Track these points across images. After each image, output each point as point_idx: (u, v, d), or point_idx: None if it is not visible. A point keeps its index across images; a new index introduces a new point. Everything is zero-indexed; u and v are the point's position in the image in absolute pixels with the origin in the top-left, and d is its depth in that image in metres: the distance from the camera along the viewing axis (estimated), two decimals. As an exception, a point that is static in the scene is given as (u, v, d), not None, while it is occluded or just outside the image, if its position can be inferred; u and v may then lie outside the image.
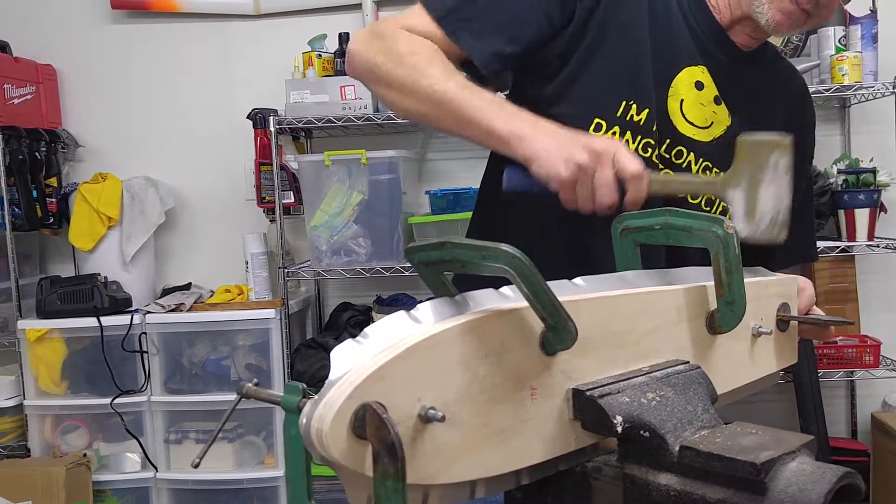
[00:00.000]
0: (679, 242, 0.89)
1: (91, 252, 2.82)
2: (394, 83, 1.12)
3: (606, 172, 0.94)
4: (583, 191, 0.95)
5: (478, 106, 1.04)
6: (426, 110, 1.09)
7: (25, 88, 2.90)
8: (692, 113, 1.18)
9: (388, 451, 0.53)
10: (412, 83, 1.09)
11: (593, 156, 0.94)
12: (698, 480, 0.64)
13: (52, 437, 2.79)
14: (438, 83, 1.07)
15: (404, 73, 1.10)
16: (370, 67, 1.15)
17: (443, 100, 1.06)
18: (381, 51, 1.13)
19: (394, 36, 1.13)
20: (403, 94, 1.11)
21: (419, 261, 0.70)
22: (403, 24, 1.14)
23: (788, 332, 0.98)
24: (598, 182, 0.94)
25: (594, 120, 1.14)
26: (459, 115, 1.05)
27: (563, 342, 0.66)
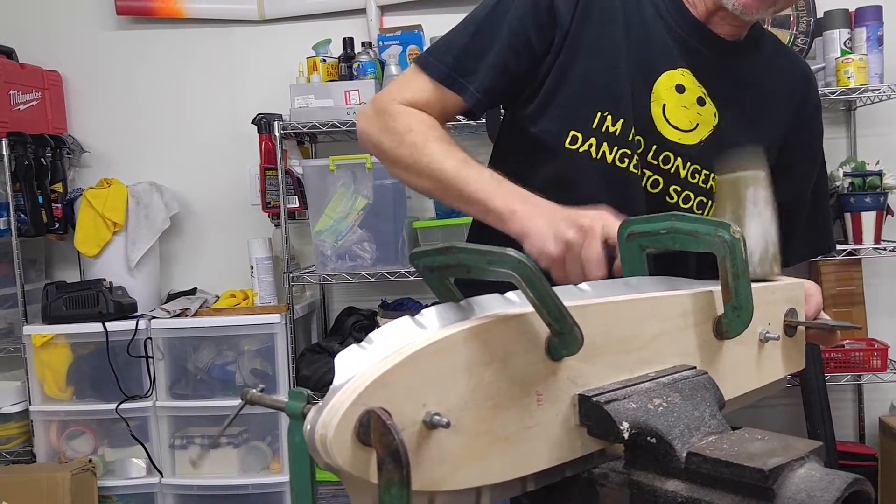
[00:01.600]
0: (685, 247, 0.88)
1: (96, 257, 2.82)
2: (398, 162, 1.18)
3: (594, 246, 0.95)
4: (572, 266, 0.97)
5: (476, 184, 1.09)
6: (430, 186, 1.15)
7: (31, 94, 2.91)
8: (675, 117, 1.18)
9: (393, 458, 0.52)
10: (414, 162, 1.15)
11: (580, 231, 0.96)
12: (706, 487, 0.63)
13: (57, 442, 2.79)
14: (438, 162, 1.12)
15: (406, 153, 1.16)
16: (375, 146, 1.22)
17: (443, 178, 1.12)
18: (383, 130, 1.19)
19: (392, 113, 1.19)
20: (409, 172, 1.17)
21: (424, 266, 0.70)
22: (401, 98, 1.20)
23: (796, 337, 0.97)
24: (586, 257, 0.95)
25: (570, 133, 1.16)
26: (460, 192, 1.10)
27: (569, 348, 0.65)
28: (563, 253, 0.97)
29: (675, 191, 1.20)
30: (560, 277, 0.99)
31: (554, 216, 1.00)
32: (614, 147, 1.16)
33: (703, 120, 1.20)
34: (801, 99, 1.29)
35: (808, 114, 1.30)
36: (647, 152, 1.18)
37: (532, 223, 1.01)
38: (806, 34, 2.73)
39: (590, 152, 1.16)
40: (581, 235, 0.95)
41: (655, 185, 1.19)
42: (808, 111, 1.30)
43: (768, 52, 1.28)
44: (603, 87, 1.16)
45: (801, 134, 1.28)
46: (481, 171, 1.11)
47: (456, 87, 1.19)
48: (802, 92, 1.30)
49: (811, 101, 1.31)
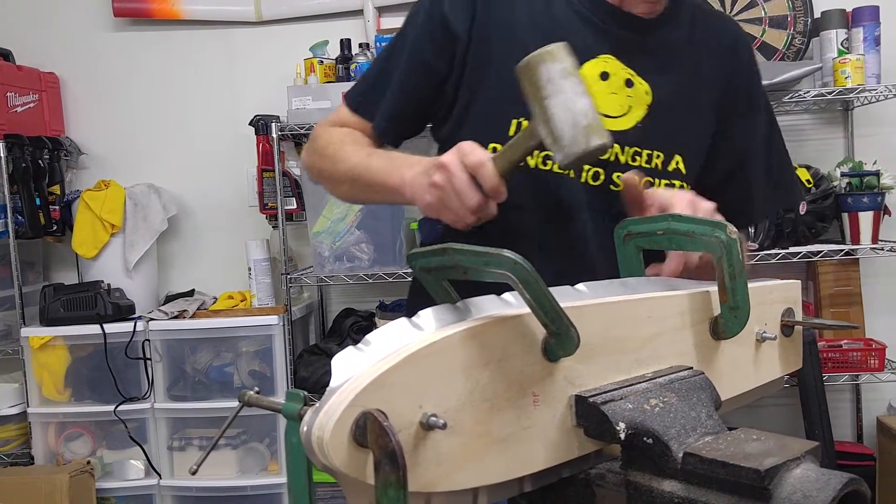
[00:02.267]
0: (682, 247, 0.88)
1: (94, 259, 2.82)
2: (324, 176, 1.25)
3: (458, 177, 0.96)
4: (452, 203, 0.98)
5: (377, 169, 1.13)
6: (349, 190, 1.21)
7: (28, 96, 2.91)
8: (605, 105, 1.15)
9: (390, 459, 0.53)
10: (333, 171, 1.21)
11: (442, 170, 0.98)
12: (702, 487, 0.63)
13: (55, 444, 2.79)
14: (348, 162, 1.17)
15: (328, 165, 1.22)
16: (309, 169, 1.29)
17: (353, 176, 1.16)
18: (313, 152, 1.27)
19: (318, 135, 1.27)
20: (333, 182, 1.23)
21: (421, 267, 0.70)
22: (329, 122, 1.28)
23: (793, 337, 0.97)
24: (457, 189, 0.96)
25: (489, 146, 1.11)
26: (368, 183, 1.14)
27: (566, 349, 0.65)
28: (437, 196, 0.99)
29: (617, 177, 1.16)
30: (452, 221, 1.00)
31: (426, 168, 1.03)
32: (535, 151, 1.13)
33: (636, 101, 1.17)
34: (730, 56, 1.26)
35: (741, 67, 1.26)
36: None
37: (415, 184, 1.04)
38: (803, 34, 2.74)
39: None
40: (444, 173, 0.97)
41: (596, 178, 1.16)
42: (741, 65, 1.27)
43: (690, 18, 1.24)
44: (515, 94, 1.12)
45: (738, 91, 1.25)
46: (379, 156, 1.15)
47: (366, 114, 1.24)
48: (730, 48, 1.26)
49: (742, 55, 1.28)
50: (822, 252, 2.54)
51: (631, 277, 0.92)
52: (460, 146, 0.98)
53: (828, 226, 2.65)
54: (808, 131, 2.87)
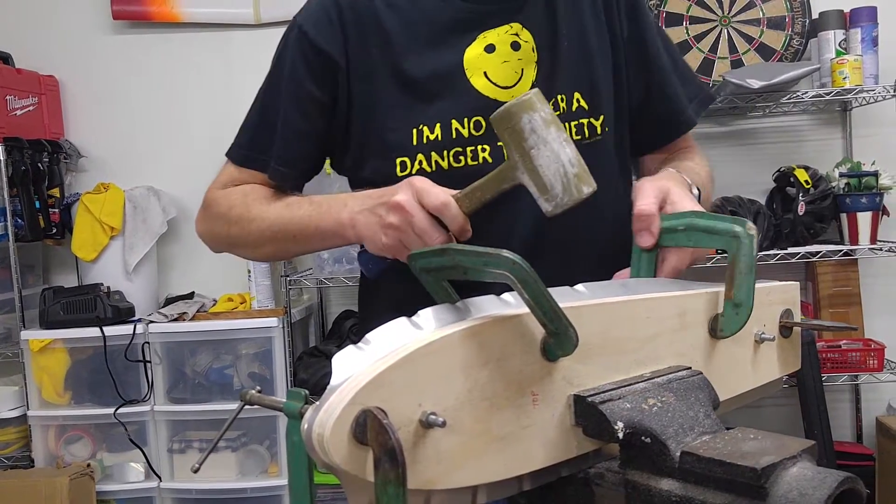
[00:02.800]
0: (698, 243, 0.90)
1: (94, 262, 2.82)
2: (235, 242, 1.19)
3: (418, 218, 0.92)
4: (414, 245, 0.93)
5: (300, 218, 1.09)
6: (272, 249, 1.15)
7: (28, 100, 2.91)
8: (500, 76, 1.13)
9: (389, 457, 0.53)
10: (248, 234, 1.15)
11: (398, 210, 0.94)
12: (699, 486, 0.63)
13: (55, 447, 2.79)
14: (264, 220, 1.12)
15: (238, 231, 1.16)
16: (213, 239, 1.23)
17: (274, 233, 1.12)
18: (212, 218, 1.20)
19: (213, 200, 1.21)
20: (248, 247, 1.18)
21: (421, 268, 0.70)
22: (219, 185, 1.22)
23: (791, 338, 0.97)
24: (418, 231, 0.93)
25: (396, 161, 1.12)
26: (293, 236, 1.10)
27: (565, 348, 0.66)
28: (395, 238, 0.95)
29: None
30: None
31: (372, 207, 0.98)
32: (443, 151, 1.11)
33: (526, 61, 1.14)
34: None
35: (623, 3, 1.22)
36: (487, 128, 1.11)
37: (360, 224, 1.00)
38: (801, 35, 2.74)
39: (424, 168, 1.12)
40: (401, 214, 0.93)
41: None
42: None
43: None
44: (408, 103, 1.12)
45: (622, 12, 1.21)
46: (300, 204, 1.10)
47: (257, 165, 1.19)
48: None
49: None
50: (821, 252, 2.54)
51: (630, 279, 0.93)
52: (412, 183, 0.94)
53: (826, 226, 2.66)
54: (806, 132, 2.88)
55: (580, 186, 0.88)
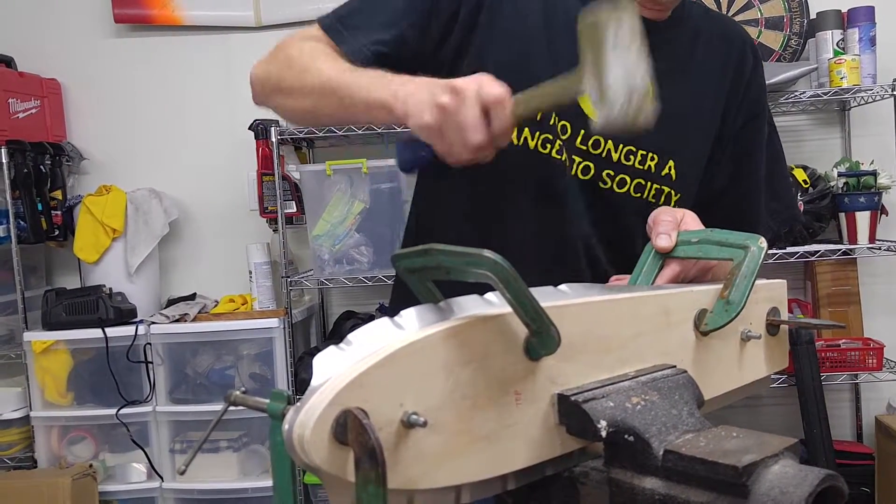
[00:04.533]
0: (707, 255, 0.91)
1: (96, 264, 2.84)
2: (283, 86, 1.12)
3: (470, 109, 0.88)
4: (452, 134, 0.90)
5: (357, 83, 1.02)
6: (312, 103, 1.08)
7: (30, 102, 2.93)
8: None
9: (369, 457, 0.53)
10: (300, 82, 1.09)
11: (454, 94, 0.89)
12: (682, 484, 0.64)
13: (58, 448, 2.80)
14: (322, 73, 1.06)
15: (293, 74, 1.10)
16: (263, 80, 1.16)
17: (325, 87, 1.05)
18: (274, 61, 1.15)
19: (286, 44, 1.15)
20: (293, 94, 1.11)
21: (405, 268, 0.71)
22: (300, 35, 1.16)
23: (779, 336, 0.98)
24: (463, 121, 0.89)
25: None
26: (341, 96, 1.03)
27: (547, 347, 0.66)
28: (439, 120, 0.90)
29: (608, 175, 1.16)
30: (444, 152, 0.93)
31: (431, 86, 0.93)
32: (535, 131, 1.12)
33: None
34: (737, 58, 1.24)
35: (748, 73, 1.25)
36: (574, 137, 1.14)
37: (411, 98, 0.94)
38: (799, 35, 2.74)
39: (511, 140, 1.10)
40: (456, 98, 0.89)
41: (587, 172, 1.15)
42: (748, 71, 1.25)
43: (696, 21, 1.23)
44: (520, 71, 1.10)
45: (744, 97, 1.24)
46: (365, 72, 1.03)
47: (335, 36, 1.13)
48: (738, 51, 1.25)
49: (748, 62, 1.26)
50: (820, 252, 2.54)
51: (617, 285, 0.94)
52: (479, 77, 0.90)
53: (825, 226, 2.66)
54: (804, 132, 2.88)
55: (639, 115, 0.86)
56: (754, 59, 1.27)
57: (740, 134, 1.24)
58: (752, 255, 0.84)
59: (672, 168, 1.18)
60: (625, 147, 1.15)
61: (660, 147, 1.16)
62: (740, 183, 1.26)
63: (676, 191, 1.19)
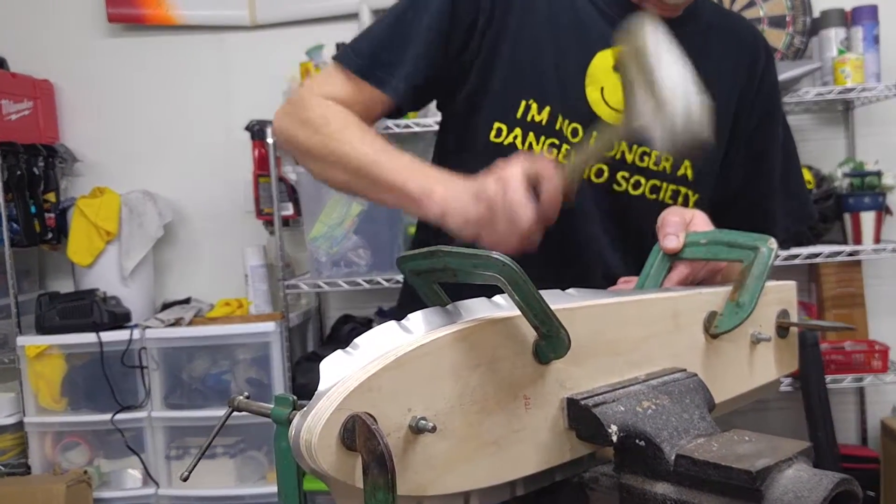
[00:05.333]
0: (717, 256, 0.90)
1: (90, 267, 2.81)
2: (313, 153, 1.12)
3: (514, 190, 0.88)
4: (501, 222, 0.90)
5: (392, 169, 1.03)
6: (345, 178, 1.09)
7: (23, 104, 2.90)
8: (615, 98, 1.12)
9: (378, 463, 0.52)
10: (329, 152, 1.09)
11: (499, 181, 0.90)
12: (694, 489, 0.63)
13: (52, 454, 2.78)
14: (354, 150, 1.07)
15: (320, 142, 1.10)
16: (288, 139, 1.16)
17: (359, 167, 1.06)
18: (298, 121, 1.14)
19: (308, 105, 1.14)
20: (324, 163, 1.11)
21: (411, 270, 0.69)
22: (320, 91, 1.15)
23: (788, 338, 0.97)
24: (510, 204, 0.88)
25: (494, 125, 1.12)
26: (375, 180, 1.05)
27: (557, 351, 0.65)
28: (487, 211, 0.90)
29: (622, 177, 1.15)
30: (492, 243, 0.92)
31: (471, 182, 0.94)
32: (541, 137, 1.12)
33: None
34: (750, 55, 1.24)
35: (760, 73, 1.24)
36: (586, 140, 1.12)
37: (450, 196, 0.95)
38: (802, 34, 2.73)
39: (515, 144, 1.12)
40: (499, 184, 0.89)
41: (600, 174, 1.14)
42: (761, 71, 1.24)
43: (708, 17, 1.23)
44: (528, 74, 1.12)
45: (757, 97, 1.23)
46: (400, 156, 1.05)
47: (374, 80, 1.13)
48: (750, 48, 1.24)
49: (761, 61, 1.25)
50: (824, 253, 2.52)
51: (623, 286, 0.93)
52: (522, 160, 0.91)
53: (830, 226, 2.64)
54: (808, 131, 2.87)
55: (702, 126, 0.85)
56: (766, 56, 1.26)
57: (755, 133, 1.23)
58: (762, 257, 0.83)
59: (688, 168, 1.17)
60: (639, 148, 1.14)
61: None
62: (757, 184, 1.25)
63: (694, 191, 1.18)
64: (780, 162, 1.26)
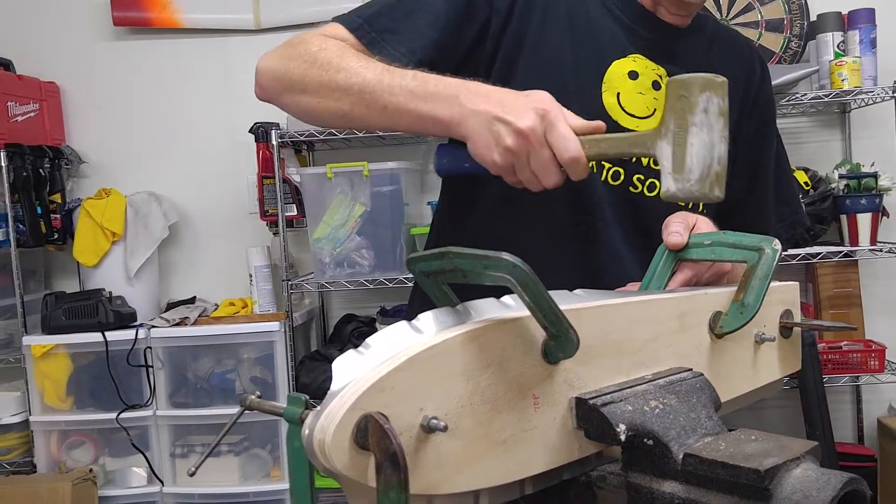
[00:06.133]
0: (720, 256, 0.91)
1: (95, 267, 2.83)
2: (308, 85, 1.03)
3: (541, 155, 0.87)
4: (523, 174, 0.89)
5: (399, 90, 0.96)
6: (346, 107, 1.01)
7: (29, 105, 2.92)
8: (631, 104, 1.15)
9: (391, 462, 0.53)
10: (328, 80, 1.01)
11: (521, 139, 0.87)
12: (702, 488, 0.63)
13: (57, 452, 2.79)
14: (356, 74, 0.99)
15: (318, 72, 1.02)
16: (279, 76, 1.07)
17: (363, 90, 0.98)
18: (292, 57, 1.06)
19: (304, 40, 1.07)
20: (320, 94, 1.03)
21: (420, 271, 0.70)
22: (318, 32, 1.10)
23: (791, 338, 0.97)
24: (536, 167, 0.88)
25: None
26: (385, 105, 0.97)
27: (565, 351, 0.66)
28: (508, 162, 0.89)
29: (638, 180, 1.16)
30: (514, 183, 0.92)
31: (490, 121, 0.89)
32: None
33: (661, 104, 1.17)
34: (747, 72, 1.27)
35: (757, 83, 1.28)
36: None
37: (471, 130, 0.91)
38: (799, 37, 2.74)
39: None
40: (523, 143, 0.87)
41: (616, 177, 1.15)
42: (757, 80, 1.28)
43: (711, 31, 1.27)
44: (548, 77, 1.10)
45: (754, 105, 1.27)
46: (404, 75, 0.97)
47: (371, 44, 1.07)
48: (747, 62, 1.28)
49: (757, 71, 1.29)
50: (821, 254, 2.54)
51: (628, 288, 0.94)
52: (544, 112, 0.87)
53: (826, 228, 2.66)
54: (805, 134, 2.88)
55: (714, 186, 0.86)
56: (762, 69, 1.30)
57: (752, 143, 1.26)
58: (766, 258, 0.84)
59: None
60: None
61: None
62: (753, 192, 1.28)
63: None
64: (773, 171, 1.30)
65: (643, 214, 1.17)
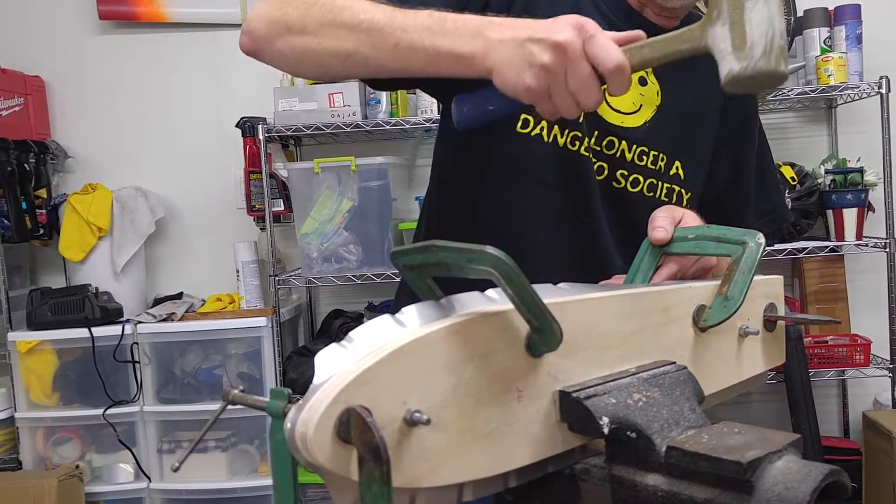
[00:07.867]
0: (705, 251, 0.91)
1: (82, 263, 2.81)
2: (308, 25, 0.96)
3: (581, 69, 0.80)
4: (559, 98, 0.82)
5: (415, 25, 0.89)
6: (351, 46, 0.93)
7: (13, 100, 2.90)
8: (617, 100, 1.13)
9: (373, 455, 0.53)
10: (332, 18, 0.94)
11: (559, 53, 0.80)
12: (685, 480, 0.63)
13: (43, 449, 2.78)
14: (364, 11, 0.92)
15: (319, 11, 0.95)
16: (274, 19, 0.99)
17: (372, 27, 0.90)
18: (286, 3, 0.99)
19: None
20: (320, 34, 0.95)
21: (404, 265, 0.70)
22: None
23: (775, 332, 0.98)
24: (574, 85, 0.81)
25: (521, 116, 1.11)
26: (397, 43, 0.89)
27: (549, 344, 0.66)
28: (544, 84, 0.82)
29: (621, 175, 1.16)
30: (549, 112, 0.85)
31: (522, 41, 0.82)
32: (565, 130, 1.12)
33: (647, 100, 1.17)
34: None
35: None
36: (589, 138, 1.14)
37: (497, 56, 0.83)
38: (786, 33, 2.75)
39: (542, 135, 1.11)
40: (561, 58, 0.80)
41: (601, 172, 1.16)
42: None
43: None
44: None
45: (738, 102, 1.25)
46: (418, 13, 0.90)
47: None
48: None
49: None
50: (807, 249, 2.56)
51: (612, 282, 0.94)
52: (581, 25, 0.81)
53: (812, 223, 2.67)
54: (792, 129, 2.90)
55: (780, 60, 0.80)
56: None
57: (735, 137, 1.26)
58: (750, 252, 0.84)
59: (679, 168, 1.19)
60: (638, 147, 1.17)
61: (667, 147, 1.18)
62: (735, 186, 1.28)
63: (687, 189, 1.20)
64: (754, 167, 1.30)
65: (627, 209, 1.17)
